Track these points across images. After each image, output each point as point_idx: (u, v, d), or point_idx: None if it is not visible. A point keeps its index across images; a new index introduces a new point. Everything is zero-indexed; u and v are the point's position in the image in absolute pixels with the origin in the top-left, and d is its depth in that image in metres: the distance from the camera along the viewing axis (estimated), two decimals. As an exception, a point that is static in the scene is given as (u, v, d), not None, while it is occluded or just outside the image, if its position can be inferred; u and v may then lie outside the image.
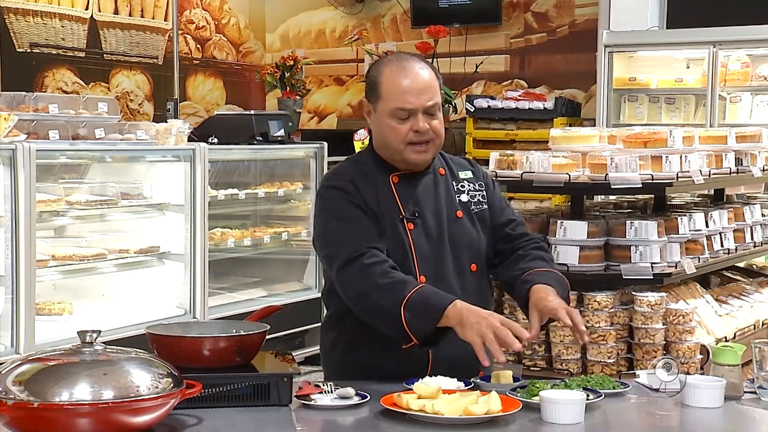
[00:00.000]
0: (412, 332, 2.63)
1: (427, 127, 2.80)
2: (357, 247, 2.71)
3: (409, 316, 2.62)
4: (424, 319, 2.62)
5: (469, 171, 3.00)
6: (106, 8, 8.68)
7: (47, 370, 2.14)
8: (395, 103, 2.80)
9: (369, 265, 2.69)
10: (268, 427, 2.37)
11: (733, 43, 7.40)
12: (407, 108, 2.79)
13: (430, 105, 2.81)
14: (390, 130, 2.82)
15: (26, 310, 4.96)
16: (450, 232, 2.87)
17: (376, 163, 2.91)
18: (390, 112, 2.81)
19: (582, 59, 8.59)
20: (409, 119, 2.80)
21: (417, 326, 2.63)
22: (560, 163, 4.14)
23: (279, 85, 7.53)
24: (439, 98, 2.84)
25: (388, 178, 2.88)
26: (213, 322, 3.05)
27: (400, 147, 2.83)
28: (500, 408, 2.35)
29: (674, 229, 4.14)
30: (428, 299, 2.64)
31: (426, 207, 2.86)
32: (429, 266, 2.81)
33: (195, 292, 5.95)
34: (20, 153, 4.89)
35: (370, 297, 2.69)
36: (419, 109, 2.79)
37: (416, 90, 2.79)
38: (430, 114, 2.82)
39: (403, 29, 9.67)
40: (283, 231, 6.81)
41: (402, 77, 2.81)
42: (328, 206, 2.84)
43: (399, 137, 2.81)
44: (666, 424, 2.53)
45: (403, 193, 2.87)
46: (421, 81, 2.81)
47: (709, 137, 4.62)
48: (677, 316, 3.95)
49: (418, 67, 2.84)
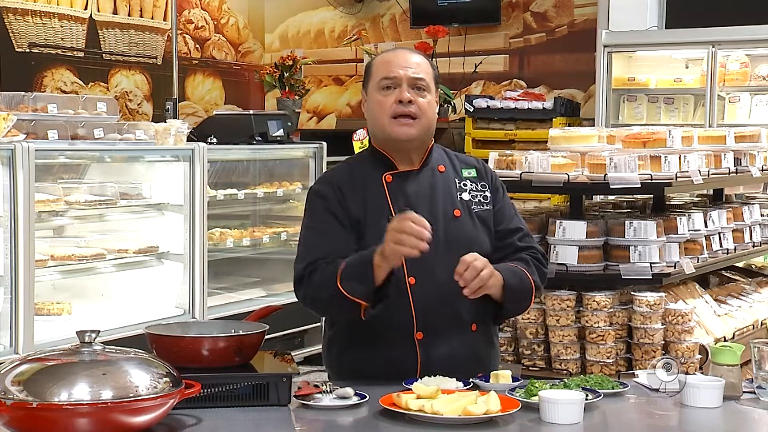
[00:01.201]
0: (357, 297, 2.68)
1: (410, 98, 2.80)
2: (307, 263, 2.78)
3: (348, 286, 2.68)
4: (359, 280, 2.67)
5: (473, 170, 2.97)
6: (105, 8, 8.67)
7: (46, 370, 2.14)
8: (381, 73, 2.84)
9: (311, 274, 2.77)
10: (267, 427, 2.37)
11: (732, 43, 7.40)
12: (390, 76, 2.82)
13: (416, 77, 2.82)
14: (376, 103, 2.85)
15: (25, 310, 4.95)
16: (446, 231, 2.83)
17: (372, 161, 2.91)
18: (377, 85, 2.85)
19: (581, 59, 8.60)
20: (394, 91, 2.82)
21: (357, 289, 2.67)
22: (559, 163, 4.14)
23: (278, 85, 7.53)
24: (429, 80, 2.85)
25: (381, 177, 2.87)
26: (212, 322, 3.06)
27: (385, 121, 2.83)
28: (499, 408, 2.35)
29: (673, 229, 4.15)
30: (354, 262, 2.70)
31: (420, 206, 2.82)
32: (419, 267, 2.77)
33: (194, 292, 5.95)
34: (19, 153, 4.89)
35: (318, 297, 2.77)
36: (404, 78, 2.81)
37: (402, 62, 2.84)
38: (418, 90, 2.82)
39: (402, 29, 9.68)
40: (282, 231, 6.81)
41: (391, 54, 2.90)
42: (306, 214, 2.92)
43: (384, 109, 2.82)
44: (665, 423, 2.53)
45: (395, 192, 2.85)
46: (409, 58, 2.87)
47: (708, 137, 4.62)
48: (676, 316, 3.95)
49: (410, 51, 2.92)
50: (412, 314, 2.78)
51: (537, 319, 4.00)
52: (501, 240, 2.91)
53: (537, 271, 2.90)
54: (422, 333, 2.79)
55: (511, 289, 2.78)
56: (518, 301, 2.85)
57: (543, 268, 2.94)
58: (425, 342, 2.79)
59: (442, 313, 2.79)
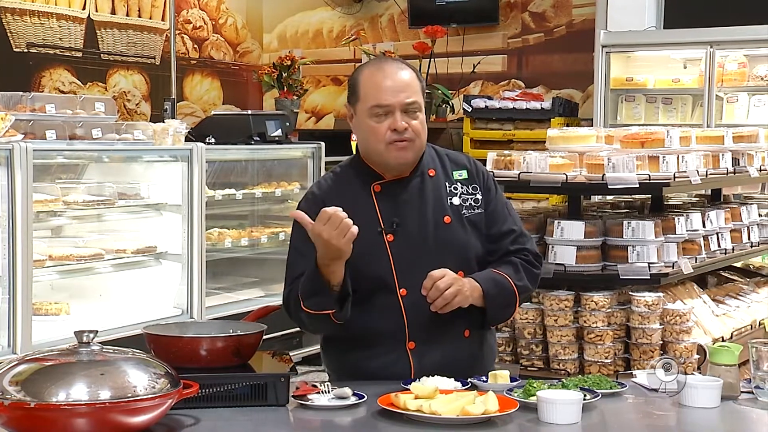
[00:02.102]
0: (322, 310, 2.69)
1: (405, 125, 2.74)
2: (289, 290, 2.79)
3: (309, 303, 2.69)
4: (316, 293, 2.68)
5: (464, 171, 2.91)
6: (103, 8, 8.67)
7: (44, 370, 2.14)
8: (372, 101, 2.76)
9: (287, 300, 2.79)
10: (265, 427, 2.37)
11: (730, 43, 7.40)
12: (383, 104, 2.75)
13: (408, 102, 2.76)
14: (369, 130, 2.78)
15: (23, 310, 4.95)
16: (436, 238, 2.81)
17: (359, 171, 2.87)
18: (368, 111, 2.77)
19: (579, 59, 8.59)
20: (387, 117, 2.76)
21: (318, 303, 2.68)
22: (557, 163, 4.14)
23: (276, 85, 7.53)
24: (420, 99, 2.79)
25: (370, 187, 2.83)
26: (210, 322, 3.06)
27: (380, 147, 2.77)
28: (497, 408, 2.35)
29: (671, 229, 4.15)
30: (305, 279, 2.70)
31: (409, 215, 2.80)
32: (410, 277, 2.76)
33: (192, 292, 5.95)
34: (17, 153, 4.89)
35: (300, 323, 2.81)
36: (396, 106, 2.75)
37: (393, 88, 2.76)
38: (410, 113, 2.77)
39: (401, 29, 9.67)
40: (280, 231, 6.81)
41: (380, 76, 2.79)
42: (292, 232, 2.88)
43: (378, 137, 2.76)
44: (663, 423, 2.53)
45: (384, 203, 2.82)
46: (398, 79, 2.77)
47: (706, 137, 4.63)
48: (674, 316, 3.95)
49: (396, 67, 2.82)
50: (405, 324, 2.77)
51: (535, 319, 4.00)
52: (493, 243, 2.88)
53: (526, 274, 2.87)
54: (414, 342, 2.78)
55: (490, 298, 2.77)
56: (500, 308, 2.84)
57: (534, 270, 2.91)
58: (417, 351, 2.79)
59: (433, 322, 2.76)
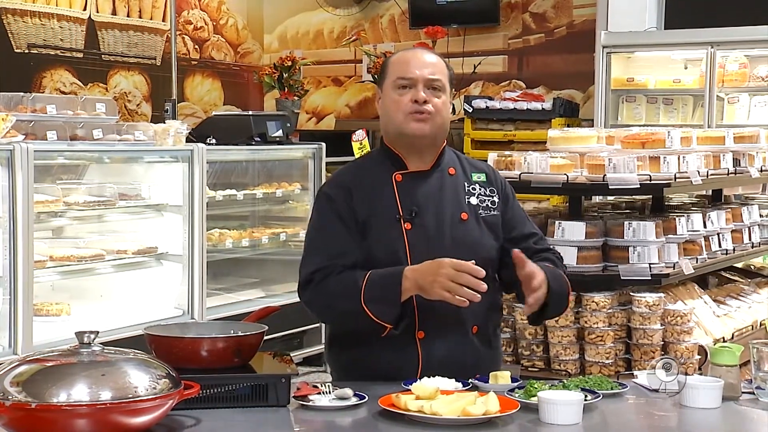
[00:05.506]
0: (383, 321, 2.70)
1: (424, 97, 2.82)
2: (317, 267, 2.79)
3: (374, 308, 2.69)
4: (386, 303, 2.69)
5: (483, 174, 2.98)
6: (104, 9, 8.68)
7: (45, 371, 2.14)
8: (397, 73, 2.87)
9: (323, 281, 2.78)
10: (266, 427, 2.37)
11: (730, 43, 7.41)
12: (407, 77, 2.84)
13: (432, 78, 2.85)
14: (392, 102, 2.87)
15: (24, 311, 4.95)
16: (452, 233, 2.85)
17: (382, 160, 2.93)
18: (392, 84, 2.87)
19: (580, 60, 8.60)
20: (410, 90, 2.84)
21: (384, 312, 2.69)
22: (558, 163, 4.14)
23: (277, 86, 7.52)
24: (445, 80, 2.88)
25: (391, 176, 2.88)
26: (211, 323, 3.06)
27: (399, 118, 2.84)
28: (498, 409, 2.35)
29: (672, 229, 4.15)
30: (381, 283, 2.70)
31: (427, 207, 2.85)
32: None
33: (193, 293, 5.95)
34: (18, 154, 4.89)
35: (331, 307, 2.79)
36: (420, 80, 2.84)
37: (419, 63, 2.87)
38: (433, 90, 2.85)
39: (401, 30, 9.68)
40: (281, 232, 6.81)
41: (409, 54, 2.93)
42: (313, 215, 2.93)
43: (399, 107, 2.84)
44: (664, 424, 2.53)
45: (404, 192, 2.86)
46: (425, 57, 2.90)
47: (706, 138, 4.63)
48: (675, 317, 3.95)
49: (426, 51, 2.96)
50: (415, 313, 2.78)
51: (536, 320, 3.99)
52: (517, 245, 2.91)
53: (562, 269, 2.99)
54: (423, 332, 2.80)
55: (554, 292, 2.83)
56: (560, 303, 2.90)
57: (565, 269, 3.03)
58: (426, 341, 2.80)
59: (444, 314, 2.79)
